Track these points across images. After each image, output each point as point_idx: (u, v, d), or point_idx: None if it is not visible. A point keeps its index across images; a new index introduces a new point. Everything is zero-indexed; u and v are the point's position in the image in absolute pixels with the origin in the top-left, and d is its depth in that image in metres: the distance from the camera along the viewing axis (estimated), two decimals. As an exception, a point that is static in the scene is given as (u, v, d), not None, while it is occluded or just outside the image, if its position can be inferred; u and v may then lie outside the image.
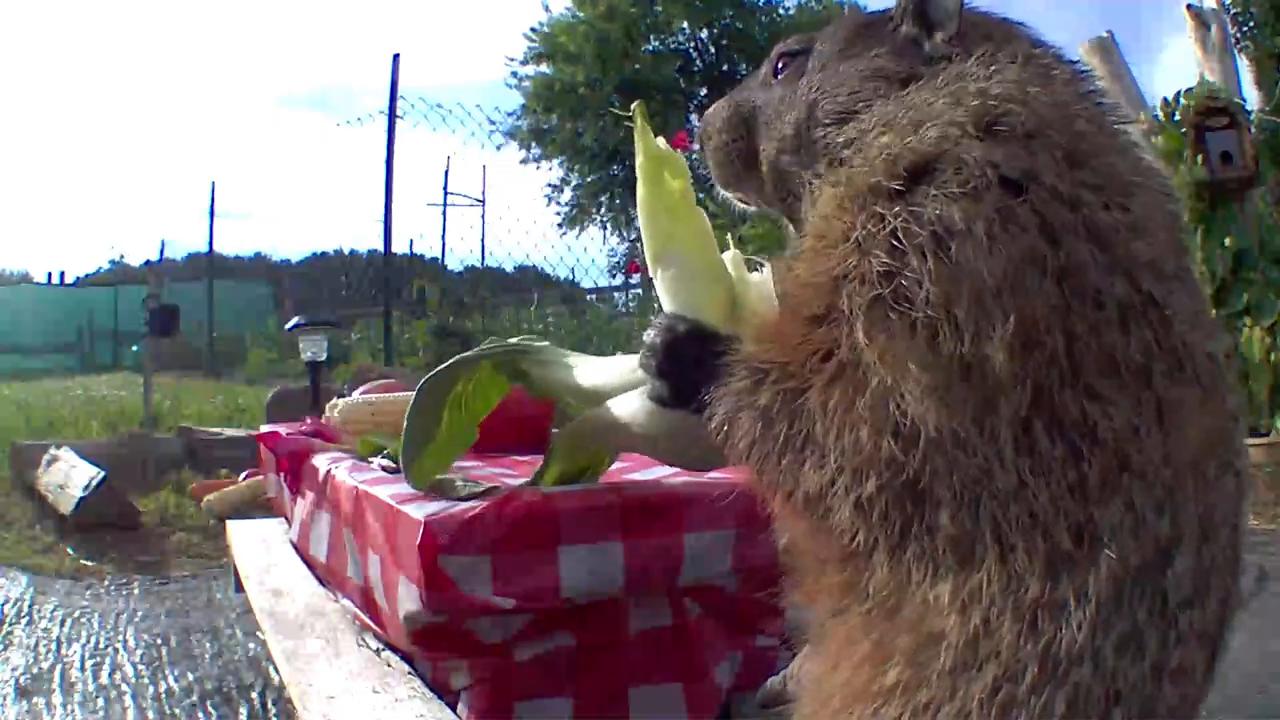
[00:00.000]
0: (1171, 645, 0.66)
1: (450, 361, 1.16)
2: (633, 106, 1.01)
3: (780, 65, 0.96)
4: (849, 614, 0.73)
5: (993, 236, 0.66)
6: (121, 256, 20.33)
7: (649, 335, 0.89)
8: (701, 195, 1.01)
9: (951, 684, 0.65)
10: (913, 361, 0.66)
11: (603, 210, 18.80)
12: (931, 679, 0.66)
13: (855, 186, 0.75)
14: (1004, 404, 0.65)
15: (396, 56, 9.35)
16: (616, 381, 1.03)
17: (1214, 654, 0.70)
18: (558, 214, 18.42)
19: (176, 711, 2.22)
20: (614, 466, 1.53)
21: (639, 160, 0.99)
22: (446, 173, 12.67)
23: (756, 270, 0.98)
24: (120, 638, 2.83)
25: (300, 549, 1.86)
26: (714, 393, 0.80)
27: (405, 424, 1.13)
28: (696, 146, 1.04)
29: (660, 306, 0.94)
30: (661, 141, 1.00)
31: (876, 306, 0.69)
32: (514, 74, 18.27)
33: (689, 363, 0.85)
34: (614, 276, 16.05)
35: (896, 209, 0.71)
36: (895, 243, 0.69)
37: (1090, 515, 0.65)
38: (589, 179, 18.56)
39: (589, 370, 1.09)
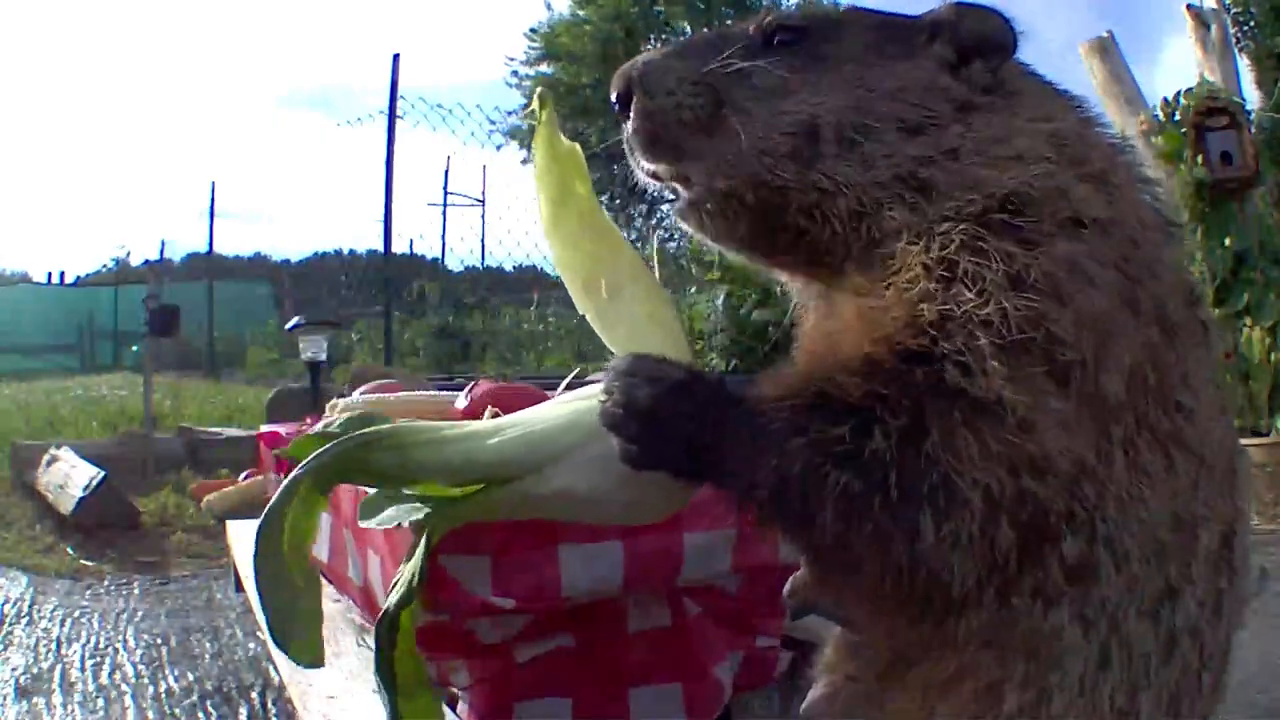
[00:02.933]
0: (1238, 607, 0.75)
1: (278, 492, 0.83)
2: (537, 94, 0.85)
3: (779, 37, 0.82)
4: (938, 659, 0.71)
5: (1107, 276, 0.70)
6: (127, 254, 20.30)
7: (616, 385, 0.70)
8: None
9: (1081, 688, 0.69)
10: (1050, 397, 0.67)
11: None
12: (1054, 693, 0.69)
13: (958, 217, 0.71)
14: (1115, 428, 0.69)
15: (396, 56, 9.35)
16: (539, 443, 0.79)
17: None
18: (558, 214, 18.41)
19: (176, 711, 2.22)
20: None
21: (542, 163, 0.83)
22: (446, 173, 12.69)
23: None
24: (120, 638, 2.83)
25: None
26: (777, 448, 0.66)
27: (257, 594, 0.83)
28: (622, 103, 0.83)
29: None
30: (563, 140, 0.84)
31: (1011, 348, 0.67)
32: (515, 74, 18.29)
33: (685, 417, 0.69)
34: (614, 276, 16.01)
35: (1014, 248, 0.69)
36: (1024, 282, 0.68)
37: (1186, 507, 0.71)
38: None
39: (479, 440, 0.81)
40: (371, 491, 0.88)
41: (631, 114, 0.81)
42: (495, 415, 0.89)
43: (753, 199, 0.77)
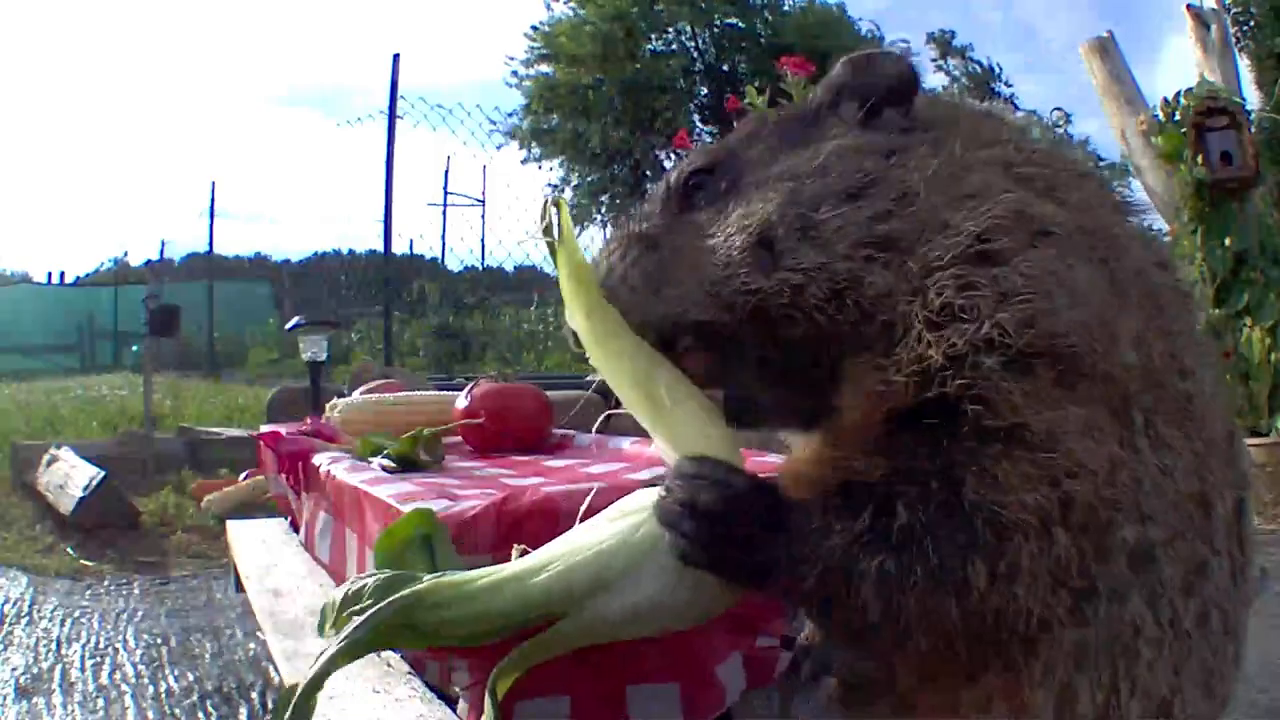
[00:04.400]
0: (1251, 578, 0.78)
1: (312, 671, 0.81)
2: (549, 202, 0.81)
3: (693, 181, 0.81)
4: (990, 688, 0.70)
5: (1086, 268, 0.71)
6: (125, 254, 20.32)
7: (679, 485, 0.72)
8: None
9: (1150, 674, 0.70)
10: (1068, 404, 0.67)
11: (603, 210, 18.80)
12: (1124, 682, 0.69)
13: (944, 264, 0.70)
14: (1136, 413, 0.70)
15: (396, 56, 9.36)
16: (592, 573, 0.78)
17: None
18: (558, 214, 18.41)
19: (176, 711, 2.22)
20: (613, 466, 1.53)
21: (570, 286, 0.80)
22: (446, 173, 12.70)
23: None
24: (120, 638, 2.83)
25: (308, 550, 1.87)
26: (816, 545, 0.67)
27: None
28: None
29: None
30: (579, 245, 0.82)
31: (1019, 362, 0.67)
32: (514, 73, 18.29)
33: (745, 523, 0.70)
34: (614, 276, 16.02)
35: (995, 269, 0.69)
36: (1012, 292, 0.68)
37: (1203, 478, 0.73)
38: (590, 179, 18.57)
39: (521, 582, 0.80)
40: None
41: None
42: (524, 553, 0.86)
43: (731, 318, 0.75)
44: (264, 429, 2.42)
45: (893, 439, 0.69)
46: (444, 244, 12.94)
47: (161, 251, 16.61)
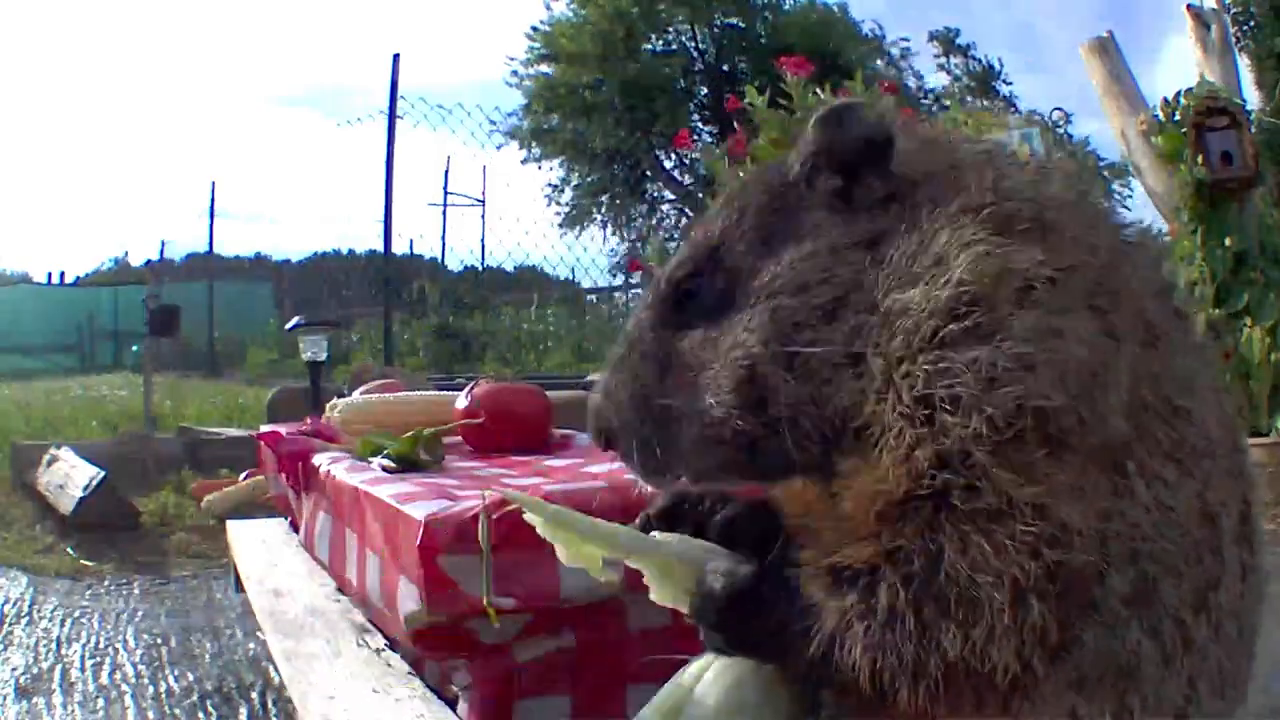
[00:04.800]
0: (1261, 577, 0.79)
1: None
2: (543, 520, 0.83)
3: (682, 296, 0.80)
4: None
5: (1076, 322, 0.69)
6: (125, 254, 20.33)
7: (701, 580, 0.77)
8: (702, 195, 0.91)
9: (1156, 693, 0.71)
10: (1056, 473, 0.67)
11: (603, 210, 18.81)
12: (1133, 698, 0.70)
13: (912, 351, 0.69)
14: (1130, 462, 0.69)
15: (396, 56, 9.37)
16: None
17: None
18: (558, 214, 18.44)
19: (176, 711, 2.22)
20: (613, 466, 1.53)
21: (571, 554, 0.83)
22: (446, 173, 12.73)
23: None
24: (120, 638, 2.83)
25: (308, 550, 1.87)
26: (815, 620, 0.71)
27: None
28: (600, 440, 0.84)
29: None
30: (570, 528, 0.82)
31: (1007, 446, 0.67)
32: (515, 73, 18.29)
33: (755, 606, 0.75)
34: (614, 276, 16.05)
35: (977, 350, 0.67)
36: (997, 377, 0.67)
37: (1207, 500, 0.73)
38: (590, 179, 18.57)
39: None
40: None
41: (622, 454, 0.83)
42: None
43: (725, 454, 0.77)
44: (264, 429, 2.42)
45: (880, 524, 0.70)
46: (444, 244, 12.98)
47: (161, 251, 16.65)
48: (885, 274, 0.71)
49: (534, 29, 18.03)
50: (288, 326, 5.76)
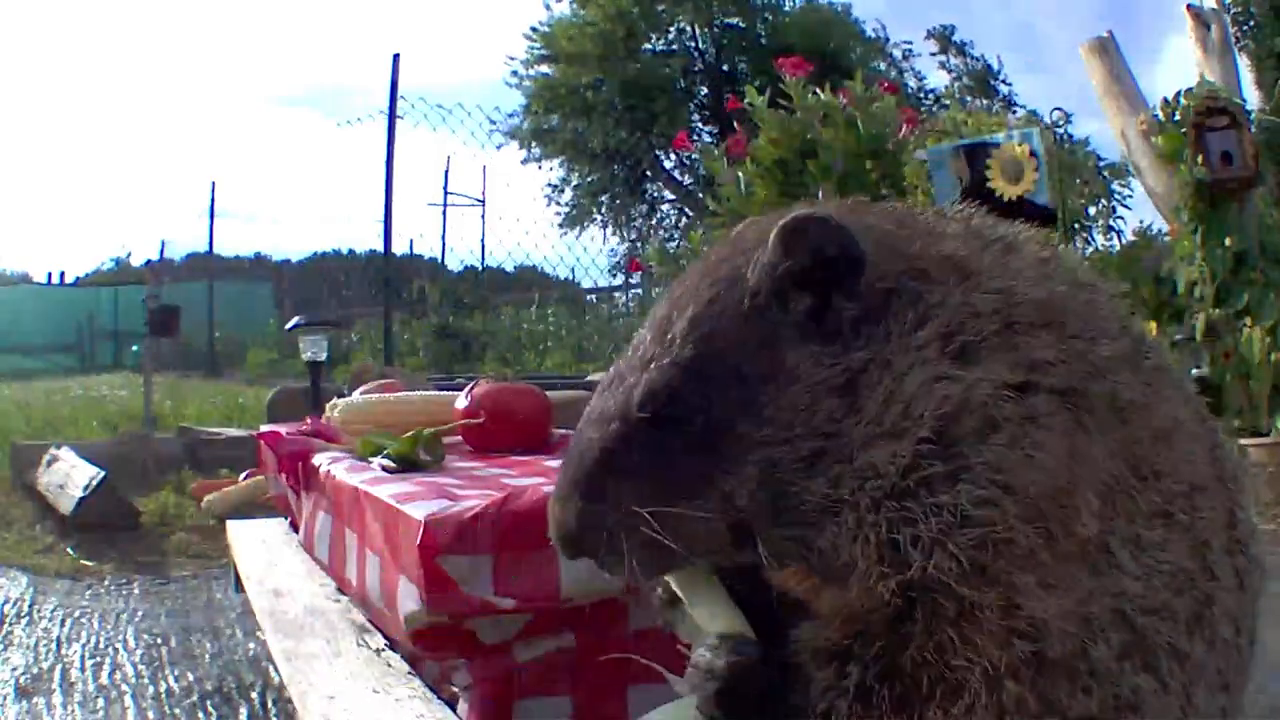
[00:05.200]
0: (1257, 572, 0.82)
1: None
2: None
3: (662, 419, 0.77)
4: None
5: (1046, 435, 0.70)
6: (128, 254, 20.33)
7: (699, 663, 0.78)
8: (702, 195, 0.91)
9: (1157, 696, 0.72)
10: (1027, 576, 0.68)
11: (603, 210, 18.80)
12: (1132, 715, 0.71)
13: (875, 501, 0.70)
14: (1112, 540, 0.71)
15: (396, 56, 9.37)
16: None
17: None
18: (558, 214, 18.45)
19: (176, 711, 2.23)
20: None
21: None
22: (446, 173, 12.73)
23: None
24: (120, 638, 2.83)
25: (307, 551, 1.87)
26: (804, 695, 0.74)
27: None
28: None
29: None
30: None
31: (975, 568, 0.68)
32: (515, 73, 18.29)
33: (756, 683, 0.77)
34: (614, 276, 16.06)
35: (943, 495, 0.68)
36: (966, 516, 0.68)
37: (1201, 522, 0.75)
38: (589, 179, 18.57)
39: None
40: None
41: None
42: None
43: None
44: (264, 429, 2.42)
45: (851, 620, 0.74)
46: (444, 244, 12.98)
47: (161, 251, 16.64)
48: (860, 429, 0.71)
49: (534, 29, 18.04)
50: (288, 326, 5.77)
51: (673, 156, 18.36)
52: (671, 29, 18.34)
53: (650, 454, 0.78)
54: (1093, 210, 6.24)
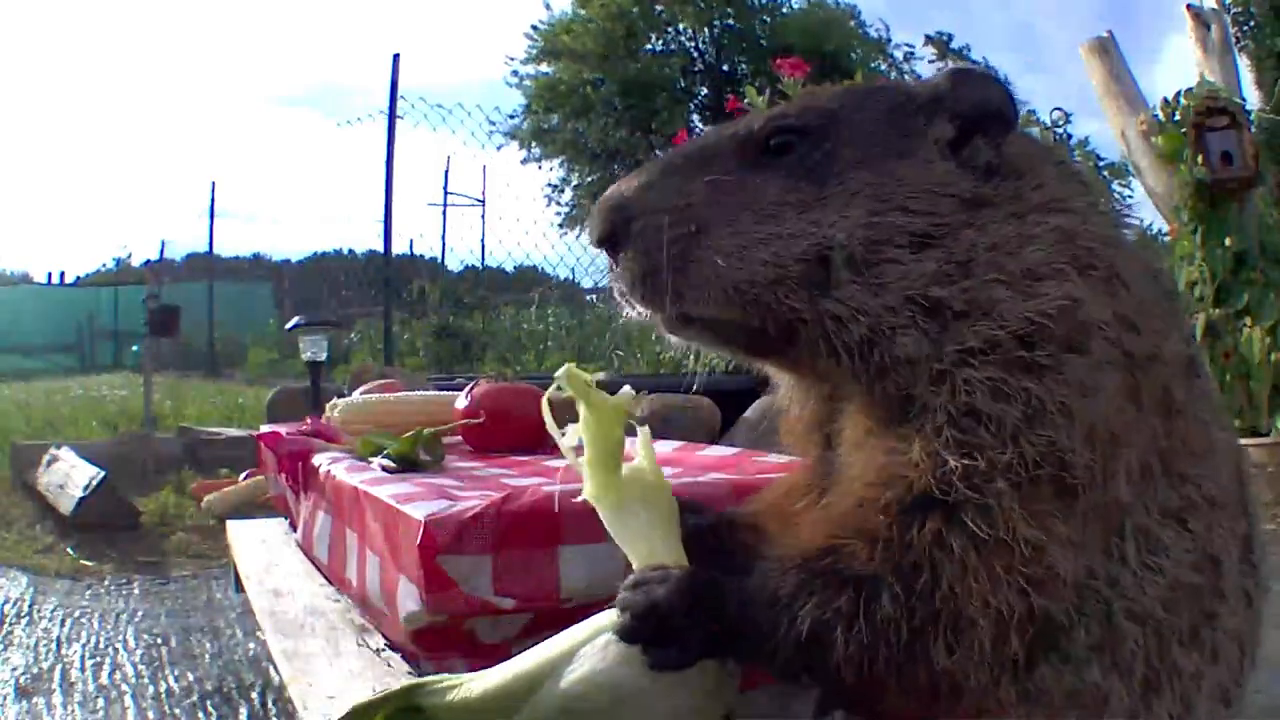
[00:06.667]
0: (1264, 590, 0.83)
1: None
2: (561, 373, 0.85)
3: (776, 140, 0.78)
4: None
5: (1111, 381, 0.71)
6: (129, 255, 20.30)
7: (626, 598, 0.76)
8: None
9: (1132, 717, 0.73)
10: (1059, 522, 0.69)
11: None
12: None
13: (979, 360, 0.70)
14: (1128, 521, 0.72)
15: (396, 56, 9.35)
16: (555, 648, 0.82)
17: None
18: (558, 214, 18.44)
19: (176, 711, 2.22)
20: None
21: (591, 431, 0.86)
22: (446, 173, 12.70)
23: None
24: (120, 638, 2.83)
25: (305, 551, 1.86)
26: (788, 612, 0.71)
27: None
28: (596, 240, 0.79)
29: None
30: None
31: (1028, 485, 0.69)
32: (515, 73, 18.29)
33: (694, 606, 0.74)
34: (614, 276, 16.01)
35: (1030, 384, 0.69)
36: (1041, 417, 0.69)
37: (1206, 548, 0.76)
38: (590, 179, 18.56)
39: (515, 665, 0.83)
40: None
41: (620, 261, 0.78)
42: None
43: (759, 325, 0.75)
44: (264, 429, 2.42)
45: (890, 529, 0.71)
46: (444, 244, 12.95)
47: (161, 251, 16.62)
48: (984, 244, 0.72)
49: (534, 28, 18.03)
50: (288, 326, 5.76)
51: (673, 157, 18.32)
52: (671, 29, 18.33)
53: (753, 173, 0.76)
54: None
